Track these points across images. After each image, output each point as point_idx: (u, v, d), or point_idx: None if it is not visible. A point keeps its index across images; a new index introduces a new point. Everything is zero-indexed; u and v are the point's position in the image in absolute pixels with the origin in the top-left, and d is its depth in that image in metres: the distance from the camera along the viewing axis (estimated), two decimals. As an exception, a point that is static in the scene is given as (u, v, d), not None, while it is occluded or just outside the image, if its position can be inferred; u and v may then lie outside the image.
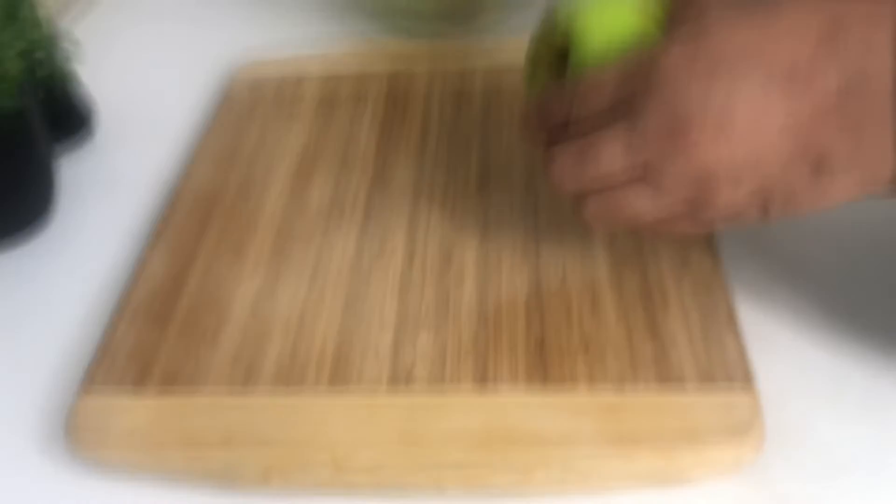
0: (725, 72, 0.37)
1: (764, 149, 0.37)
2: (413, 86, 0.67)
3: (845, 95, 0.35)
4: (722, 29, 0.38)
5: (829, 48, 0.35)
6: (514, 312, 0.47)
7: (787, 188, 0.38)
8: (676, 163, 0.38)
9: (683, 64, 0.38)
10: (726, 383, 0.42)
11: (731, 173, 0.38)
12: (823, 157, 0.36)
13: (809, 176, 0.37)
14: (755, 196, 0.38)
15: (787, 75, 0.36)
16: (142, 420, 0.43)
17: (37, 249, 0.58)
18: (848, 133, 0.36)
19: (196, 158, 0.61)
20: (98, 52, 0.73)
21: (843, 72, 0.35)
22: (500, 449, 0.41)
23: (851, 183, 0.37)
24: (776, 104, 0.36)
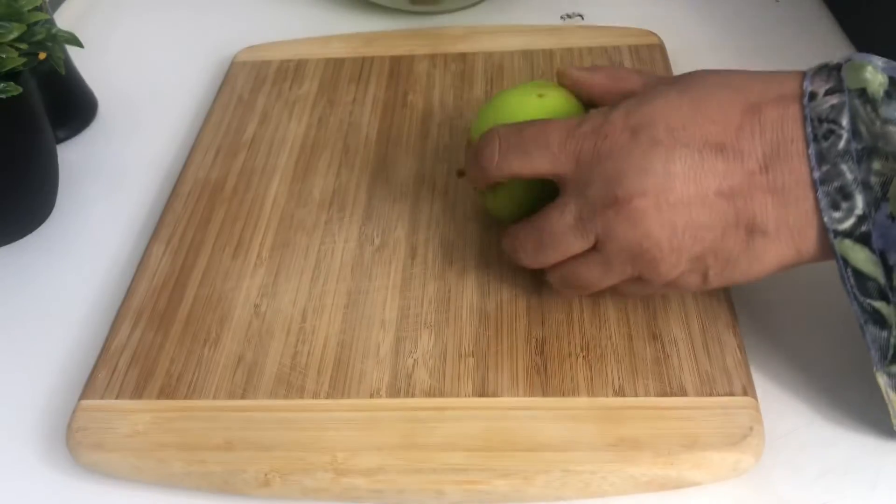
0: (664, 142, 0.39)
1: (702, 213, 0.39)
2: (414, 69, 0.66)
3: (770, 159, 0.38)
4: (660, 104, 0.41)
5: (752, 123, 0.39)
6: (516, 312, 0.47)
7: (724, 253, 0.40)
8: (620, 231, 0.40)
9: (624, 141, 0.40)
10: (726, 389, 0.42)
11: (673, 240, 0.39)
12: (756, 218, 0.39)
13: (745, 239, 0.39)
14: (696, 263, 0.40)
15: (719, 145, 0.39)
16: (142, 424, 0.43)
17: (38, 241, 0.57)
18: (776, 195, 0.38)
19: (197, 147, 0.61)
20: (98, 41, 0.72)
21: (765, 140, 0.39)
22: (501, 454, 0.41)
23: (783, 246, 0.39)
24: (712, 168, 0.39)
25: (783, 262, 0.40)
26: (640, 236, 0.40)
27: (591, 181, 0.41)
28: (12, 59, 0.51)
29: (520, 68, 0.65)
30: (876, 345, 0.38)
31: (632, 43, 0.65)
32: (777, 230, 0.39)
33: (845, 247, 0.38)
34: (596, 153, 0.41)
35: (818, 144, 0.38)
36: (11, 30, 0.51)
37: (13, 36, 0.51)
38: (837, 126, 0.37)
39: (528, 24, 0.70)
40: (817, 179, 0.38)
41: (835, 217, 0.38)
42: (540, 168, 0.43)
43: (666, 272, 0.41)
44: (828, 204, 0.38)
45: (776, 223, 0.39)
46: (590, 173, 0.41)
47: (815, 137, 0.38)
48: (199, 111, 0.66)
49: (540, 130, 0.43)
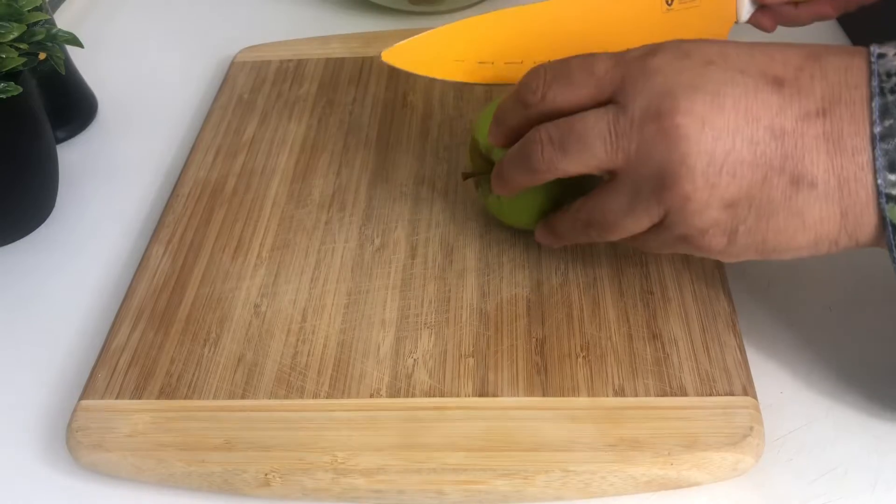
0: (720, 63, 0.37)
1: (747, 148, 0.36)
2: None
3: (830, 103, 0.36)
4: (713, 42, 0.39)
5: (814, 64, 0.37)
6: (516, 312, 0.47)
7: (762, 202, 0.37)
8: (656, 150, 0.37)
9: (676, 58, 0.38)
10: (726, 388, 0.42)
11: (709, 172, 0.36)
12: (805, 165, 0.36)
13: (788, 188, 0.36)
14: (727, 212, 0.37)
15: (777, 79, 0.37)
16: (143, 424, 0.43)
17: (38, 241, 0.58)
18: (830, 142, 0.36)
19: (197, 147, 0.61)
20: (98, 41, 0.73)
21: (826, 83, 0.36)
22: (501, 454, 0.41)
23: (829, 205, 0.36)
24: (766, 101, 0.36)
25: (824, 229, 0.37)
26: (677, 159, 0.37)
27: (635, 96, 0.38)
28: (12, 59, 0.51)
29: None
30: None
31: (632, 43, 0.65)
32: (826, 183, 0.36)
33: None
34: (643, 70, 0.38)
35: (884, 98, 0.35)
36: (11, 30, 0.51)
37: (13, 36, 0.51)
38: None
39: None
40: (877, 135, 0.35)
41: (890, 180, 0.35)
42: (584, 94, 0.40)
43: (693, 214, 0.37)
44: (885, 164, 0.35)
45: (826, 174, 0.36)
46: (634, 88, 0.38)
47: (881, 91, 0.35)
48: (199, 111, 0.66)
49: (586, 58, 0.40)
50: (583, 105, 0.40)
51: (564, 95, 0.40)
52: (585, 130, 0.39)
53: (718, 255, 0.39)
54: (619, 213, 0.40)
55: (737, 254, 0.39)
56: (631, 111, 0.38)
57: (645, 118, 0.37)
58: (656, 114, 0.37)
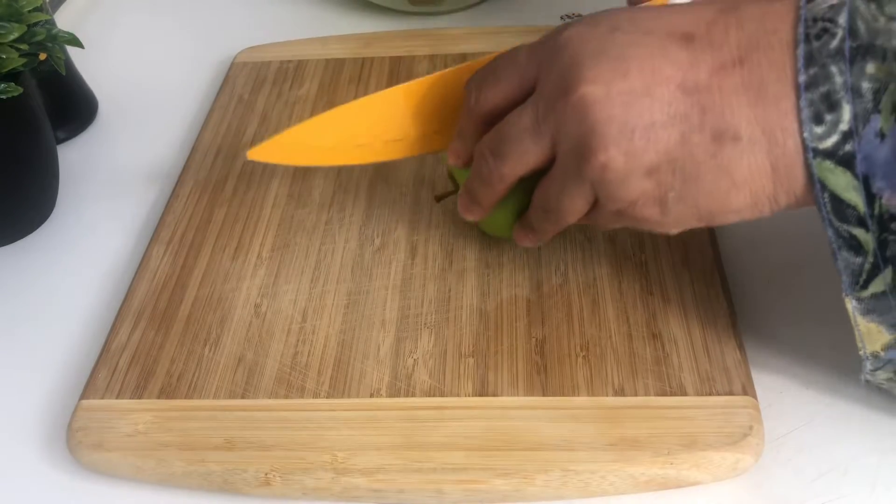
0: (625, 28, 0.36)
1: (659, 108, 0.35)
2: (414, 70, 0.66)
3: (746, 51, 0.34)
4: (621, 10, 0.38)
5: (728, 16, 0.35)
6: (516, 312, 0.47)
7: (685, 164, 0.35)
8: (569, 125, 0.36)
9: (583, 29, 0.37)
10: (726, 388, 0.42)
11: (621, 139, 0.35)
12: (726, 118, 0.34)
13: (710, 145, 0.34)
14: (651, 180, 0.36)
15: (686, 35, 0.35)
16: (143, 424, 0.43)
17: (38, 241, 0.58)
18: (751, 91, 0.34)
19: (197, 147, 0.61)
20: (98, 41, 0.73)
21: (742, 33, 0.34)
22: (500, 454, 0.41)
23: (757, 156, 0.34)
24: (675, 58, 0.35)
25: (758, 185, 0.35)
26: (587, 130, 0.35)
27: (548, 76, 0.37)
28: (12, 59, 0.51)
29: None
30: (848, 270, 0.35)
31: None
32: (750, 134, 0.34)
33: (824, 169, 0.33)
34: (554, 47, 0.37)
35: (808, 45, 0.33)
36: (12, 30, 0.51)
37: (13, 36, 0.51)
38: (833, 24, 0.33)
39: (528, 25, 0.70)
40: (802, 84, 0.33)
41: (816, 133, 0.33)
42: (510, 88, 0.40)
43: (615, 186, 0.36)
44: (810, 115, 0.33)
45: (749, 125, 0.34)
46: (547, 69, 0.37)
47: (806, 38, 0.33)
48: (200, 112, 0.66)
49: (509, 52, 0.40)
50: (514, 98, 0.40)
51: (495, 93, 0.40)
52: (512, 130, 0.39)
53: (657, 226, 0.38)
54: (558, 196, 0.39)
55: (675, 223, 0.38)
56: (546, 92, 0.37)
57: (557, 95, 0.37)
58: (564, 89, 0.36)
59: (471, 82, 0.42)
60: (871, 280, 0.35)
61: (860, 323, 0.36)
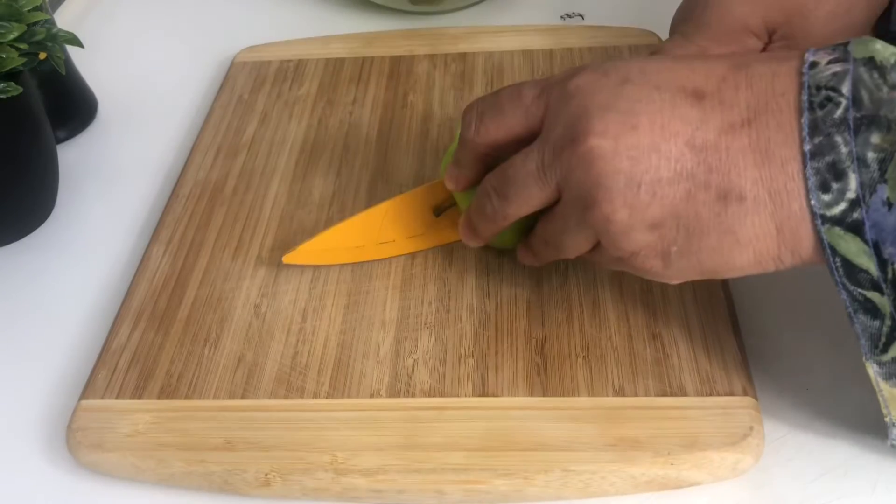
0: (636, 80, 0.36)
1: (666, 165, 0.35)
2: (414, 69, 0.66)
3: (755, 112, 0.34)
4: (635, 59, 0.38)
5: (738, 74, 0.35)
6: (516, 312, 0.47)
7: (690, 220, 0.35)
8: (575, 175, 0.37)
9: (594, 79, 0.37)
10: (726, 388, 0.42)
11: (628, 193, 0.35)
12: (731, 179, 0.34)
13: (715, 204, 0.35)
14: (655, 233, 0.36)
15: (696, 92, 0.35)
16: (143, 424, 0.43)
17: (38, 241, 0.57)
18: (758, 153, 0.34)
19: (197, 147, 0.61)
20: (98, 41, 0.73)
21: (752, 92, 0.35)
22: (501, 454, 0.41)
23: (762, 219, 0.35)
24: (684, 115, 0.35)
25: (761, 246, 0.35)
26: (593, 182, 0.36)
27: (556, 123, 0.37)
28: (12, 59, 0.51)
29: (520, 68, 0.65)
30: (866, 334, 0.35)
31: (631, 43, 0.66)
32: (755, 196, 0.34)
33: (834, 235, 0.34)
34: (563, 94, 0.38)
35: (813, 113, 0.33)
36: (11, 30, 0.51)
37: (13, 36, 0.51)
38: (837, 93, 0.33)
39: (528, 24, 0.70)
40: (808, 152, 0.33)
41: (824, 200, 0.33)
42: (514, 125, 0.40)
43: (618, 236, 0.37)
44: (816, 183, 0.33)
45: (755, 185, 0.34)
46: (555, 115, 0.38)
47: (810, 106, 0.33)
48: (199, 111, 0.66)
49: (514, 87, 0.40)
50: (517, 135, 0.40)
51: (497, 128, 0.41)
52: (517, 173, 0.39)
53: (658, 276, 0.39)
54: (561, 234, 0.40)
55: (677, 276, 0.38)
56: (553, 140, 0.38)
57: (564, 144, 0.37)
58: (572, 138, 0.36)
59: (471, 111, 0.42)
60: (892, 343, 0.35)
61: (883, 388, 0.36)
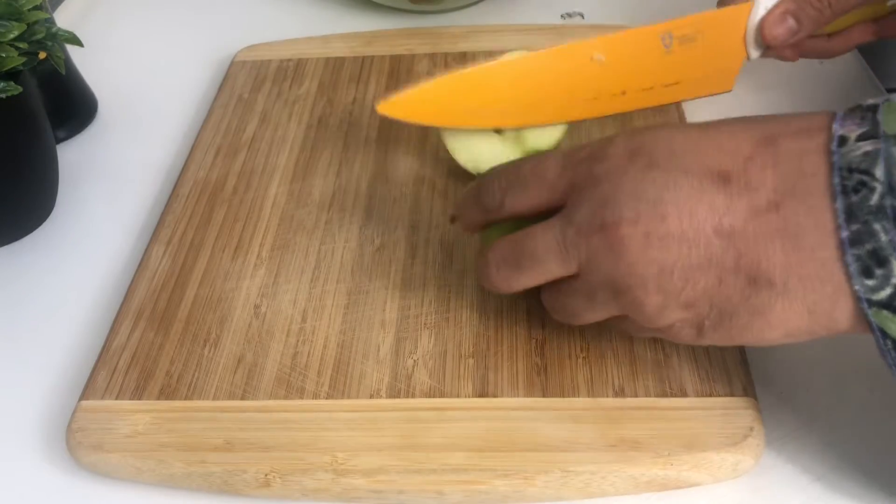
0: (662, 166, 0.36)
1: (695, 252, 0.35)
2: (414, 69, 0.66)
3: (783, 195, 0.34)
4: (668, 129, 0.38)
5: (765, 152, 0.35)
6: (516, 313, 0.47)
7: (721, 303, 0.35)
8: (603, 261, 0.37)
9: (621, 164, 0.37)
10: (726, 389, 0.42)
11: (660, 280, 0.36)
12: (761, 265, 0.34)
13: (745, 288, 0.35)
14: (688, 311, 0.36)
15: (723, 175, 0.35)
16: (143, 425, 0.43)
17: (38, 241, 0.57)
18: (787, 239, 0.34)
19: (197, 147, 0.61)
20: (98, 41, 0.72)
21: (778, 173, 0.34)
22: (501, 454, 0.41)
23: (793, 303, 0.34)
24: (711, 202, 0.35)
25: (792, 326, 0.35)
26: (624, 271, 0.36)
27: (581, 204, 0.38)
28: (12, 58, 0.51)
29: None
30: None
31: (632, 43, 0.65)
32: (785, 282, 0.34)
33: (884, 318, 0.33)
34: (591, 176, 0.38)
35: (847, 199, 0.32)
36: (11, 29, 0.51)
37: (13, 35, 0.51)
38: (870, 178, 0.32)
39: (528, 24, 0.70)
40: (846, 240, 0.32)
41: (868, 285, 0.32)
42: (537, 200, 0.40)
43: (652, 315, 0.37)
44: (859, 270, 0.32)
45: (784, 272, 0.34)
46: (580, 197, 0.38)
47: (843, 190, 0.33)
48: (199, 111, 0.66)
49: (537, 163, 0.41)
50: (539, 208, 0.40)
51: (521, 201, 0.41)
52: (536, 247, 0.39)
53: (692, 343, 0.39)
54: (579, 309, 0.40)
55: (711, 342, 0.38)
56: (577, 221, 0.37)
57: (590, 229, 0.37)
58: (600, 225, 0.36)
59: (492, 184, 0.42)
60: None
61: None
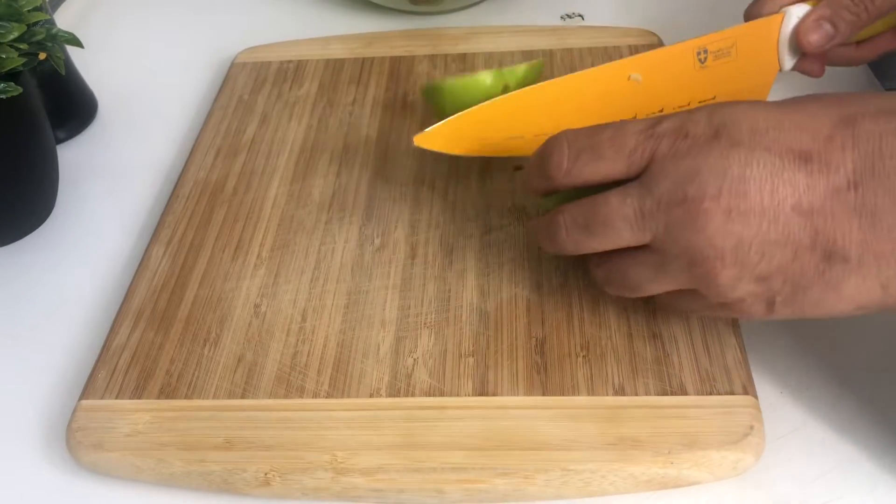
0: (745, 144, 0.37)
1: (774, 228, 0.36)
2: (414, 69, 0.66)
3: (862, 175, 0.35)
4: (749, 106, 0.38)
5: (845, 132, 0.36)
6: (515, 312, 0.47)
7: (795, 278, 0.36)
8: (683, 233, 0.37)
9: (706, 138, 0.38)
10: (727, 387, 0.42)
11: (738, 253, 0.36)
12: (837, 241, 0.35)
13: (820, 264, 0.36)
14: (761, 285, 0.37)
15: (804, 154, 0.36)
16: (142, 424, 0.43)
17: (39, 241, 0.57)
18: (864, 217, 0.35)
19: (197, 147, 0.61)
20: (98, 41, 0.73)
21: (858, 153, 0.35)
22: (500, 453, 0.41)
23: (866, 279, 0.35)
24: (791, 180, 0.36)
25: (864, 299, 0.36)
26: (704, 242, 0.37)
27: (662, 178, 0.38)
28: (12, 59, 0.51)
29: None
30: None
31: (632, 43, 0.66)
32: (860, 258, 0.35)
33: None
34: (673, 151, 0.38)
35: None
36: (11, 30, 0.51)
37: (13, 36, 0.51)
38: None
39: (528, 24, 0.70)
40: None
41: None
42: (613, 172, 0.40)
43: (725, 288, 0.38)
44: None
45: (860, 249, 0.35)
46: (661, 170, 0.38)
47: None
48: (199, 112, 0.66)
49: (617, 132, 0.40)
50: (611, 178, 0.40)
51: (594, 171, 0.40)
52: (610, 214, 0.39)
53: (761, 318, 0.39)
54: (643, 280, 0.40)
55: (780, 317, 0.39)
56: (657, 193, 0.38)
57: (672, 202, 0.37)
58: (682, 198, 0.37)
59: (561, 147, 0.41)
60: None
61: None
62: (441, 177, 0.56)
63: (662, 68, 0.49)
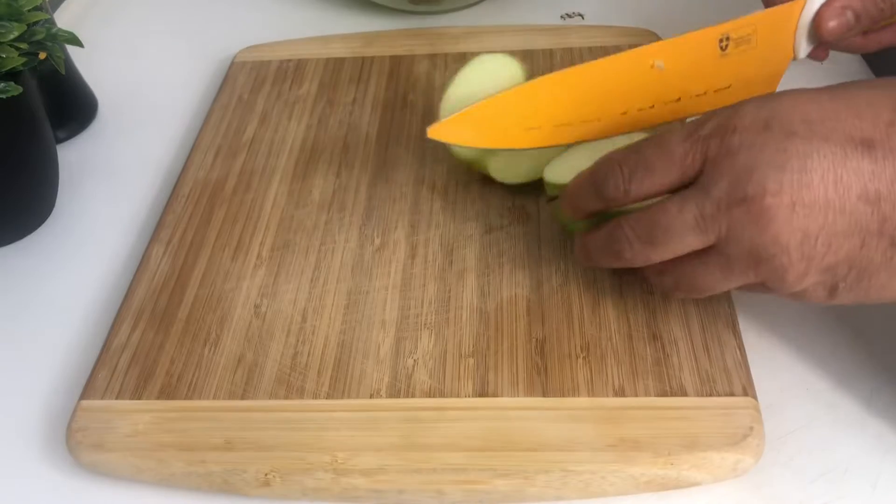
0: (802, 133, 0.36)
1: (841, 219, 0.35)
2: (414, 69, 0.66)
3: None
4: (795, 95, 0.37)
5: None
6: (516, 312, 0.47)
7: (862, 263, 0.36)
8: (747, 233, 0.37)
9: (757, 131, 0.37)
10: (726, 389, 0.42)
11: (804, 247, 0.36)
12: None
13: (887, 250, 0.36)
14: (826, 274, 0.37)
15: (866, 142, 0.35)
16: (143, 424, 0.43)
17: (39, 241, 0.57)
18: None
19: (197, 147, 0.61)
20: (98, 41, 0.72)
21: None
22: (501, 454, 0.41)
23: None
24: (856, 168, 0.35)
25: None
26: (769, 240, 0.36)
27: (718, 178, 0.37)
28: (12, 58, 0.51)
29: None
30: None
31: (632, 43, 0.65)
32: None
33: None
34: (725, 148, 0.37)
35: None
36: (11, 30, 0.51)
37: (13, 36, 0.51)
38: None
39: (528, 24, 0.70)
40: None
41: None
42: (667, 181, 0.39)
43: (792, 282, 0.37)
44: None
45: None
46: (716, 170, 0.37)
47: None
48: (199, 111, 0.66)
49: (660, 143, 0.39)
50: (668, 189, 0.40)
51: (650, 187, 0.40)
52: (671, 222, 0.39)
53: (821, 303, 0.39)
54: (712, 281, 0.40)
55: (841, 303, 0.39)
56: (716, 194, 0.37)
57: (732, 201, 0.37)
58: (743, 197, 0.36)
59: (613, 172, 0.41)
60: None
61: None
62: (441, 177, 0.56)
63: (684, 56, 0.48)
